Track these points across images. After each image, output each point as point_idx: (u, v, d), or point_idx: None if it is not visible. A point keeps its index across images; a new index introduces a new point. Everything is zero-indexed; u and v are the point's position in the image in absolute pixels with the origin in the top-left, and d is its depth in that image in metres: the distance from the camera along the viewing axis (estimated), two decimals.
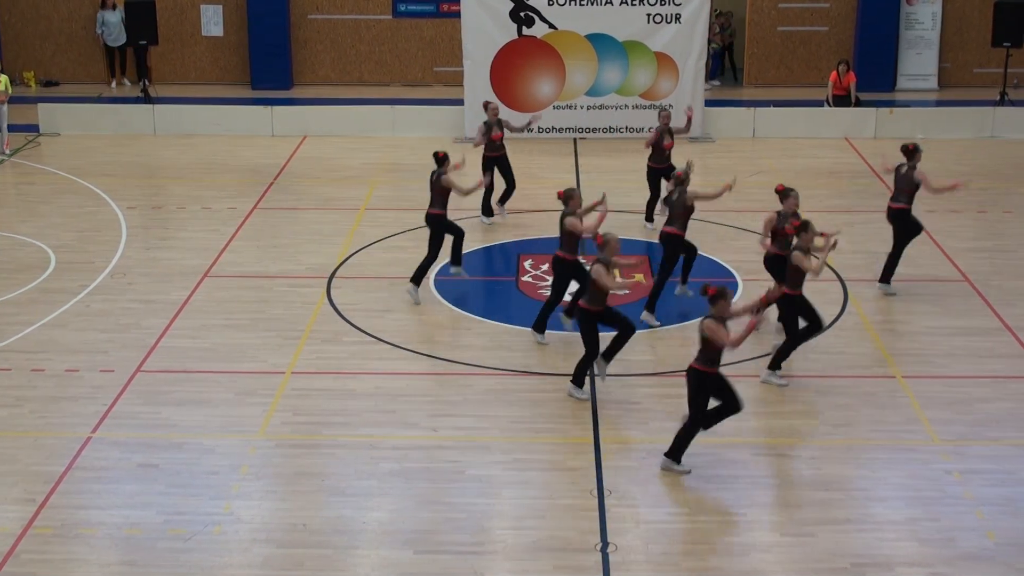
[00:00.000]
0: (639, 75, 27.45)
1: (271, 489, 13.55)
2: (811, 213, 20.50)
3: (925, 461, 14.13)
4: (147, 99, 29.33)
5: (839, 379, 16.06)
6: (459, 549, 12.39)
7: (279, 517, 13.02)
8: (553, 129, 27.65)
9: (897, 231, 18.44)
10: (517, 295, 18.88)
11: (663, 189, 19.97)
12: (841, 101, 28.97)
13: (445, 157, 18.55)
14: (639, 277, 19.31)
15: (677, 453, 13.75)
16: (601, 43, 27.31)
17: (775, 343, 16.31)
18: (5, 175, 25.26)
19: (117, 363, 16.44)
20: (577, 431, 14.71)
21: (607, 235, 15.14)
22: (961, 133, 27.56)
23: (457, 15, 28.48)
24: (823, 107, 29.03)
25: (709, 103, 28.42)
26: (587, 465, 13.92)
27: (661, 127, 20.99)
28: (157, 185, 24.78)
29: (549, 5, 27.12)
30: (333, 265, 19.90)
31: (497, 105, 22.09)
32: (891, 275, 18.54)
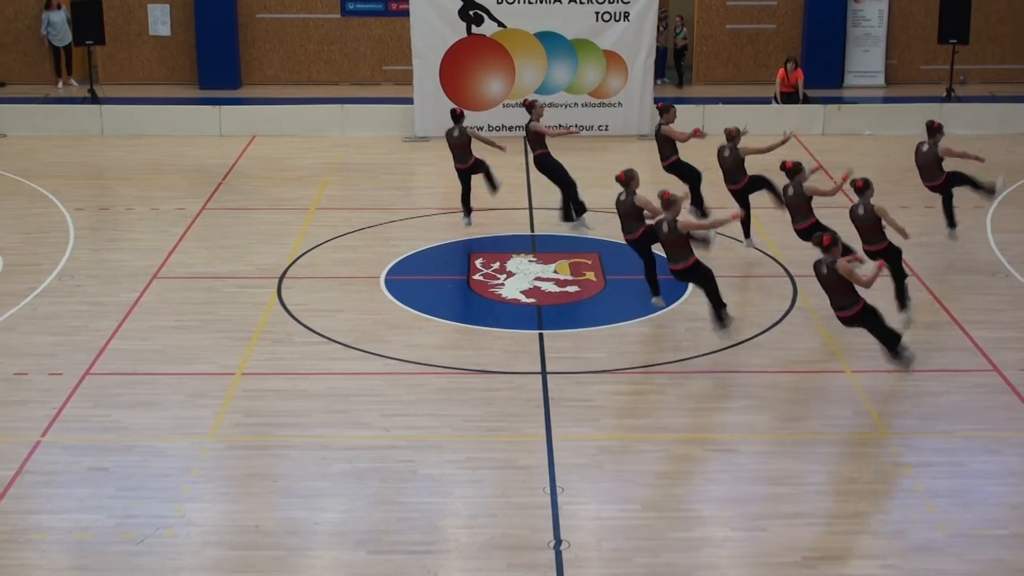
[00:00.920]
0: (588, 73, 27.52)
1: (223, 491, 13.50)
2: (760, 210, 20.66)
3: (875, 455, 14.23)
4: (94, 99, 29.15)
5: (788, 374, 16.15)
6: (412, 549, 12.38)
7: (231, 519, 12.97)
8: (503, 128, 27.67)
9: (944, 192, 20.35)
10: (468, 294, 18.89)
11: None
12: (789, 98, 29.14)
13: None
14: (590, 275, 19.35)
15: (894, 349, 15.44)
16: (550, 41, 27.36)
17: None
18: None
19: (66, 366, 16.33)
20: (529, 429, 14.72)
21: (673, 194, 16.31)
22: (908, 129, 27.72)
23: (406, 14, 28.46)
24: (771, 104, 29.18)
25: (658, 101, 28.47)
26: (539, 463, 13.94)
27: (667, 122, 20.92)
28: (105, 186, 24.65)
29: (498, 3, 27.14)
30: (283, 265, 19.85)
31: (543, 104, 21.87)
32: (953, 219, 20.38)
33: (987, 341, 17.07)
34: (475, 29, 27.33)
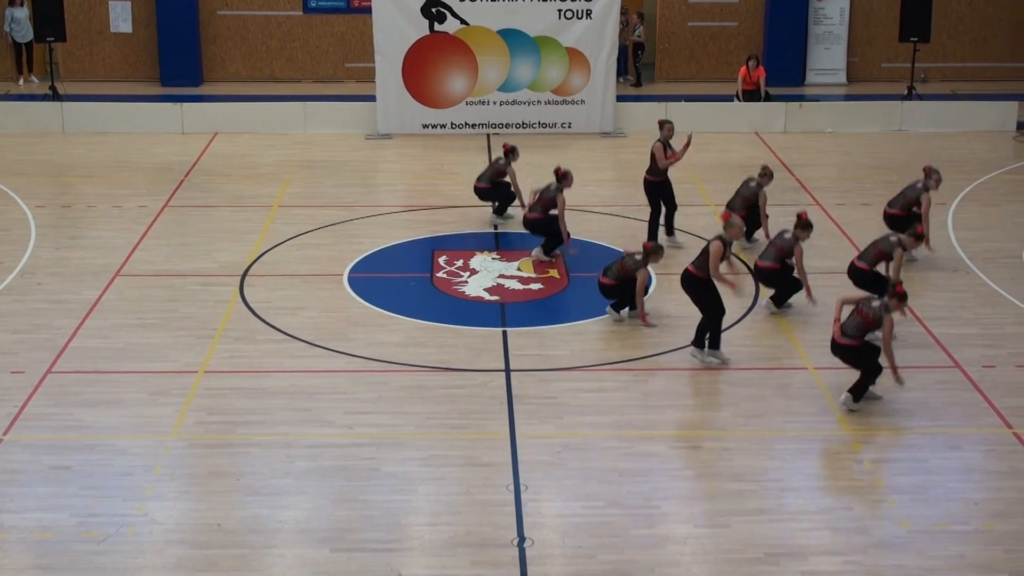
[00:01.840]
0: (551, 71, 27.53)
1: (185, 489, 13.46)
2: (723, 207, 20.69)
3: (837, 451, 14.30)
4: (55, 96, 28.98)
5: (751, 371, 16.21)
6: (376, 547, 12.37)
7: (193, 517, 12.93)
8: (466, 125, 27.67)
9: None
10: (432, 291, 18.87)
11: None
12: (751, 96, 29.22)
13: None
14: (553, 272, 19.37)
15: (860, 392, 15.12)
16: (513, 39, 27.36)
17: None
18: None
19: (27, 364, 16.24)
20: (493, 426, 14.73)
21: (733, 218, 16.42)
22: (869, 127, 27.90)
23: (368, 11, 28.41)
24: (733, 102, 29.27)
25: (620, 98, 28.55)
26: (503, 460, 13.95)
27: (664, 139, 20.14)
28: (66, 184, 24.51)
29: (461, 1, 27.11)
30: (246, 263, 19.79)
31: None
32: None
33: (948, 338, 17.17)
34: (438, 27, 27.29)
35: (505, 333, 17.27)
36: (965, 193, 23.55)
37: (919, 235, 17.33)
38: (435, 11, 27.22)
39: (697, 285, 16.26)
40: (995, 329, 17.54)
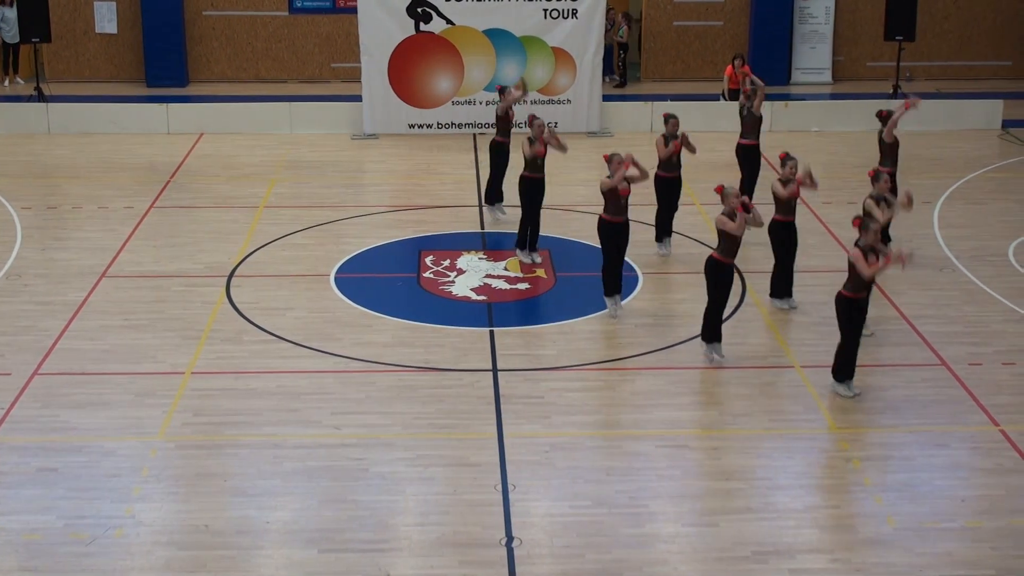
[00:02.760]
0: (537, 70, 27.53)
1: (172, 491, 13.44)
2: (709, 207, 20.73)
3: (824, 449, 14.33)
4: (41, 97, 28.90)
5: (738, 370, 16.23)
6: (364, 547, 12.37)
7: (181, 519, 12.91)
8: (452, 125, 27.66)
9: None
10: (419, 291, 18.87)
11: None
12: (736, 95, 29.17)
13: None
14: (540, 272, 19.38)
15: (841, 373, 15.34)
16: (499, 39, 27.36)
17: None
18: None
19: (14, 366, 16.21)
20: (480, 426, 14.73)
21: (727, 188, 16.40)
22: (855, 126, 27.90)
23: (354, 11, 28.36)
24: (719, 101, 29.29)
25: (606, 97, 28.56)
26: (491, 460, 13.95)
27: (668, 134, 20.10)
28: (52, 185, 24.47)
29: (447, 1, 27.10)
30: (232, 263, 19.76)
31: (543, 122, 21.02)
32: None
33: (934, 336, 17.21)
34: (423, 26, 27.28)
35: (492, 333, 17.28)
36: (951, 191, 23.59)
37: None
38: (421, 11, 27.20)
39: (718, 272, 16.31)
40: (981, 327, 17.58)
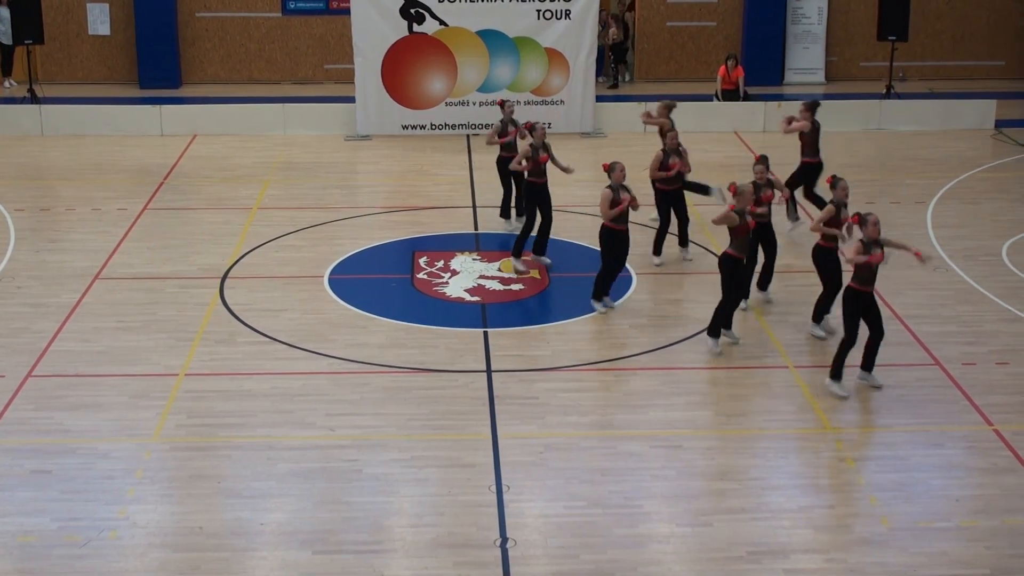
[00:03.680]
0: (530, 71, 27.53)
1: (167, 493, 13.43)
2: (701, 207, 20.74)
3: (818, 449, 14.34)
4: (34, 99, 28.87)
5: (732, 370, 16.24)
6: (358, 548, 12.37)
7: (175, 521, 12.90)
8: (446, 126, 27.66)
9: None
10: (412, 292, 18.86)
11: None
12: (730, 95, 29.27)
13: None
14: (534, 273, 19.37)
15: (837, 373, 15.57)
16: (492, 39, 27.36)
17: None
18: None
19: (7, 368, 16.19)
20: (474, 427, 14.73)
21: (741, 185, 16.57)
22: (848, 126, 27.95)
23: (347, 12, 28.33)
24: (712, 101, 29.31)
25: (600, 98, 28.56)
26: (485, 461, 13.95)
27: (669, 148, 19.77)
28: (45, 187, 24.44)
29: (440, 2, 27.10)
30: (226, 265, 19.75)
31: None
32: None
33: (928, 335, 17.22)
34: (416, 27, 27.28)
35: (486, 334, 17.28)
36: (944, 191, 23.62)
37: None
38: (414, 12, 27.20)
39: (733, 267, 16.41)
40: (975, 326, 17.60)
